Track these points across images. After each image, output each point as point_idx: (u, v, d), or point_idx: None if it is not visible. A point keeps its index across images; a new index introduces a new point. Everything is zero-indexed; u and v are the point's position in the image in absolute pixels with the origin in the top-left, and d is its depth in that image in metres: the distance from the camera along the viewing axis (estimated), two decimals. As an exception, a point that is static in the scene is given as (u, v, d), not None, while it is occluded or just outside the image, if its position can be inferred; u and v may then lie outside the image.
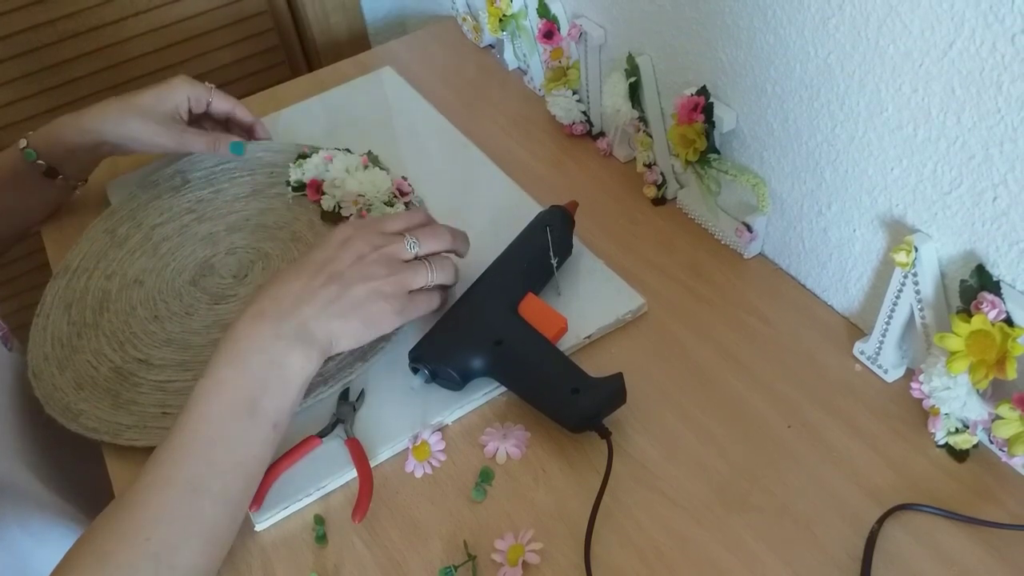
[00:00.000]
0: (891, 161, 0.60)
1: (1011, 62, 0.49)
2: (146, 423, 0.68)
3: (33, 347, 0.76)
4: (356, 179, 0.82)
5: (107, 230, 0.86)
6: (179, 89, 0.83)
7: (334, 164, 0.84)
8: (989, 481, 0.59)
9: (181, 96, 0.83)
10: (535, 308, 0.69)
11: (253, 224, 0.85)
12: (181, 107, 0.83)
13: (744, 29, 0.67)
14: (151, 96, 0.82)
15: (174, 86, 0.83)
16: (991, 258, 0.56)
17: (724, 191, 0.76)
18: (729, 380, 0.68)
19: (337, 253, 0.63)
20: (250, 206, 0.87)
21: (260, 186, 0.88)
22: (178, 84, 0.83)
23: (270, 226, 0.84)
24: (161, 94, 0.82)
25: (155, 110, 0.82)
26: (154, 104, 0.82)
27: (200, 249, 0.83)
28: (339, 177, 0.83)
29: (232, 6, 1.23)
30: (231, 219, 0.86)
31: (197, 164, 0.91)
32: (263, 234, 0.84)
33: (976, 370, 0.56)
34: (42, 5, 1.10)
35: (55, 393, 0.71)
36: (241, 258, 0.82)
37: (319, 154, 0.85)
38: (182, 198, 0.88)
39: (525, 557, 0.58)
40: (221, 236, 0.84)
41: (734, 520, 0.59)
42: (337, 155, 0.85)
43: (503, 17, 0.94)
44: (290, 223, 0.84)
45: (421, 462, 0.64)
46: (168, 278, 0.81)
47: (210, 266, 0.81)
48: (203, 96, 0.85)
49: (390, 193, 0.82)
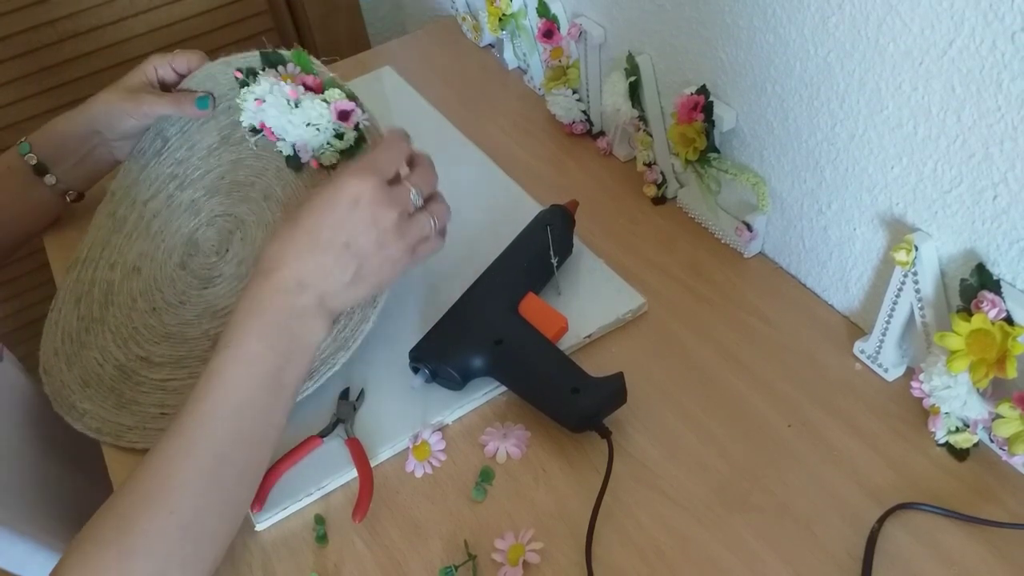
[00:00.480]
0: (891, 159, 0.60)
1: (1011, 60, 0.49)
2: (146, 424, 0.68)
3: (45, 342, 0.76)
4: (291, 123, 0.73)
5: (109, 213, 0.86)
6: (145, 63, 0.85)
7: (267, 108, 0.74)
8: (989, 480, 0.59)
9: (146, 67, 0.84)
10: (535, 307, 0.69)
11: (228, 183, 0.82)
12: (149, 75, 0.84)
13: (744, 28, 0.67)
14: (125, 77, 0.85)
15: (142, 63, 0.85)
16: (991, 257, 0.56)
17: (724, 190, 0.76)
18: (729, 379, 0.68)
19: (348, 216, 0.60)
20: (223, 159, 0.83)
21: (225, 129, 0.84)
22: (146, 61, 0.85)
23: (243, 183, 0.81)
24: (131, 72, 0.85)
25: (125, 86, 0.84)
26: (125, 81, 0.84)
27: (185, 222, 0.82)
28: (278, 124, 0.74)
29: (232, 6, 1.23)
30: (208, 180, 0.84)
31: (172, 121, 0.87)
32: (238, 195, 0.81)
33: (976, 369, 0.56)
34: (42, 5, 1.10)
35: (63, 390, 0.72)
36: (220, 229, 0.80)
37: (251, 89, 0.74)
38: (164, 162, 0.87)
39: (525, 557, 0.58)
40: (202, 203, 0.83)
41: (735, 519, 0.59)
42: (266, 86, 0.73)
43: (503, 16, 0.94)
44: (260, 175, 0.81)
45: (421, 462, 0.64)
46: (160, 261, 0.81)
47: (194, 243, 0.81)
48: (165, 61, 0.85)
49: (332, 124, 0.72)
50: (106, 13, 1.15)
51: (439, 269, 0.78)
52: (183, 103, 0.83)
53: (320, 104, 0.72)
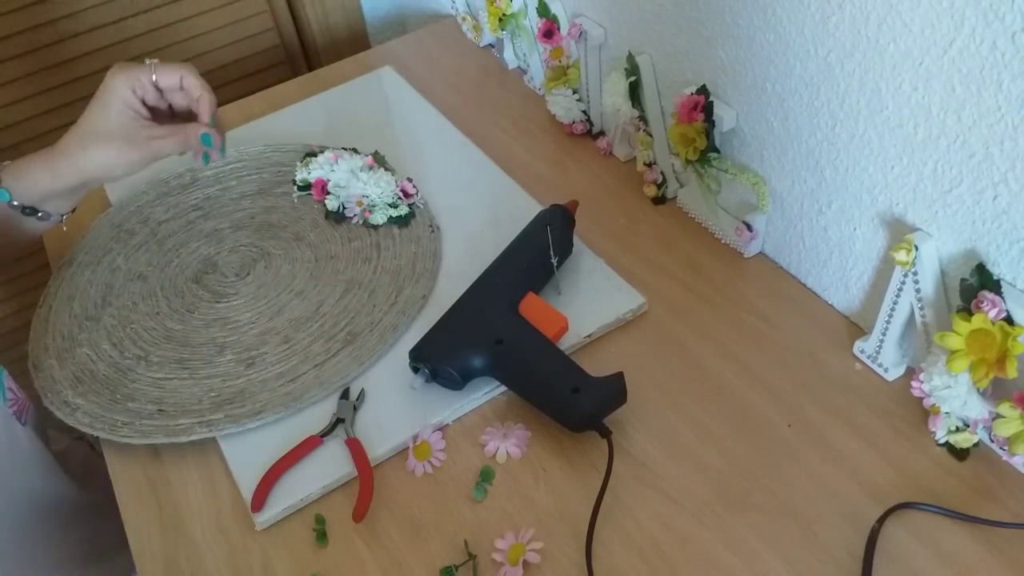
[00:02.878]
0: (891, 159, 0.60)
1: (1011, 60, 0.49)
2: (141, 420, 0.68)
3: (34, 338, 0.76)
4: (361, 180, 0.82)
5: (114, 224, 0.87)
6: (117, 87, 0.70)
7: (339, 164, 0.84)
8: (990, 480, 0.59)
9: (124, 93, 0.71)
10: (535, 307, 0.69)
11: (258, 222, 0.85)
12: (131, 105, 0.71)
13: (744, 28, 0.67)
14: (95, 111, 0.71)
15: (109, 88, 0.71)
16: (991, 257, 0.56)
17: (724, 190, 0.76)
18: (730, 379, 0.68)
19: None
20: (256, 204, 0.87)
21: (267, 184, 0.89)
22: (114, 84, 0.70)
23: (275, 225, 0.85)
24: (104, 103, 0.71)
25: (108, 126, 0.70)
26: (102, 119, 0.71)
27: (204, 246, 0.84)
28: (344, 178, 0.83)
29: (232, 6, 1.22)
30: (236, 217, 0.86)
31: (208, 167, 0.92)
32: (267, 233, 0.84)
33: (976, 369, 0.56)
34: (42, 5, 1.10)
35: (54, 386, 0.72)
36: (244, 256, 0.82)
37: (325, 154, 0.86)
38: (189, 195, 0.89)
39: (526, 556, 0.58)
40: (226, 233, 0.85)
41: (735, 519, 0.59)
42: (343, 155, 0.85)
43: (503, 16, 0.94)
44: (294, 222, 0.84)
45: (421, 462, 0.64)
46: (171, 274, 0.81)
47: (213, 263, 0.82)
48: (145, 79, 0.71)
49: (394, 195, 0.82)
50: (106, 13, 1.14)
51: (441, 269, 0.78)
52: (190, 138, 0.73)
53: (388, 176, 0.83)
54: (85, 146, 0.70)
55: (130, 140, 0.71)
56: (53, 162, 0.71)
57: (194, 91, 0.73)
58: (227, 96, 1.24)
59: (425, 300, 0.75)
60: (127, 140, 0.71)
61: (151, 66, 0.72)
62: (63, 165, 0.71)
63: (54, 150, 0.72)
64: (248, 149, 0.93)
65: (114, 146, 0.70)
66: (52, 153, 0.71)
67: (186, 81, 0.72)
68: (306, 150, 0.89)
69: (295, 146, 0.92)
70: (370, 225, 0.82)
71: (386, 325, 0.73)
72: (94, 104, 0.71)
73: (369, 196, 0.82)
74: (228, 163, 0.92)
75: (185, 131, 0.73)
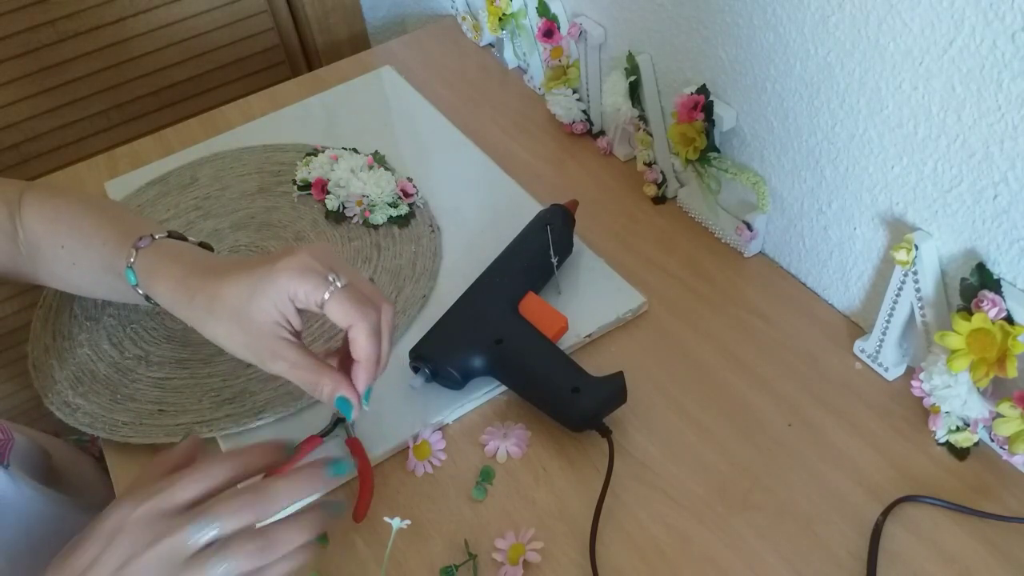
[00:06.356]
0: (891, 159, 0.60)
1: (1011, 59, 0.49)
2: (142, 420, 0.68)
3: (34, 339, 0.76)
4: (360, 180, 0.82)
5: None
6: (281, 286, 0.56)
7: (339, 164, 0.84)
8: (990, 479, 0.59)
9: (280, 296, 0.56)
10: (535, 307, 0.69)
11: (258, 222, 0.85)
12: (282, 308, 0.57)
13: (744, 27, 0.67)
14: (245, 288, 0.57)
15: (276, 282, 0.56)
16: (992, 256, 0.56)
17: (724, 189, 0.76)
18: (730, 379, 0.68)
19: (99, 555, 0.46)
20: (255, 204, 0.87)
21: (267, 184, 0.89)
22: (283, 278, 0.56)
23: (274, 224, 0.85)
24: (259, 287, 0.57)
25: (247, 312, 0.57)
26: (245, 303, 0.57)
27: None
28: (344, 177, 0.83)
29: (232, 6, 1.22)
30: (236, 216, 0.86)
31: (207, 163, 0.91)
32: (267, 232, 0.84)
33: (977, 368, 0.56)
34: (42, 5, 1.10)
35: (54, 387, 0.72)
36: (244, 255, 0.82)
37: (325, 153, 0.86)
38: (189, 195, 0.89)
39: (526, 556, 0.58)
40: (226, 233, 0.84)
41: (735, 518, 0.59)
42: (343, 155, 0.85)
43: (503, 16, 0.94)
44: (294, 222, 0.84)
45: (422, 461, 0.64)
46: None
47: None
48: (315, 297, 0.56)
49: (394, 194, 0.82)
50: (106, 13, 1.15)
51: (441, 269, 0.78)
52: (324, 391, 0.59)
53: (388, 175, 0.83)
54: (213, 312, 0.59)
55: (261, 346, 0.58)
56: (189, 293, 0.60)
57: (359, 351, 0.58)
58: (227, 96, 1.24)
59: (425, 300, 0.75)
60: (255, 338, 0.58)
61: (329, 288, 0.56)
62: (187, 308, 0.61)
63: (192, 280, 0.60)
64: (248, 149, 0.93)
65: (238, 337, 0.58)
66: (190, 281, 0.60)
67: (353, 333, 0.57)
68: (306, 150, 0.89)
69: (295, 146, 0.92)
70: (370, 225, 0.82)
71: None
72: (252, 275, 0.57)
73: (369, 196, 0.82)
74: (228, 163, 0.91)
75: (323, 376, 0.58)
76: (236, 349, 0.59)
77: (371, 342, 0.57)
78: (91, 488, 0.81)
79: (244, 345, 0.58)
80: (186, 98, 1.25)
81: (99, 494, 0.80)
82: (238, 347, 0.59)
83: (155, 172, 0.92)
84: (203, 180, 0.90)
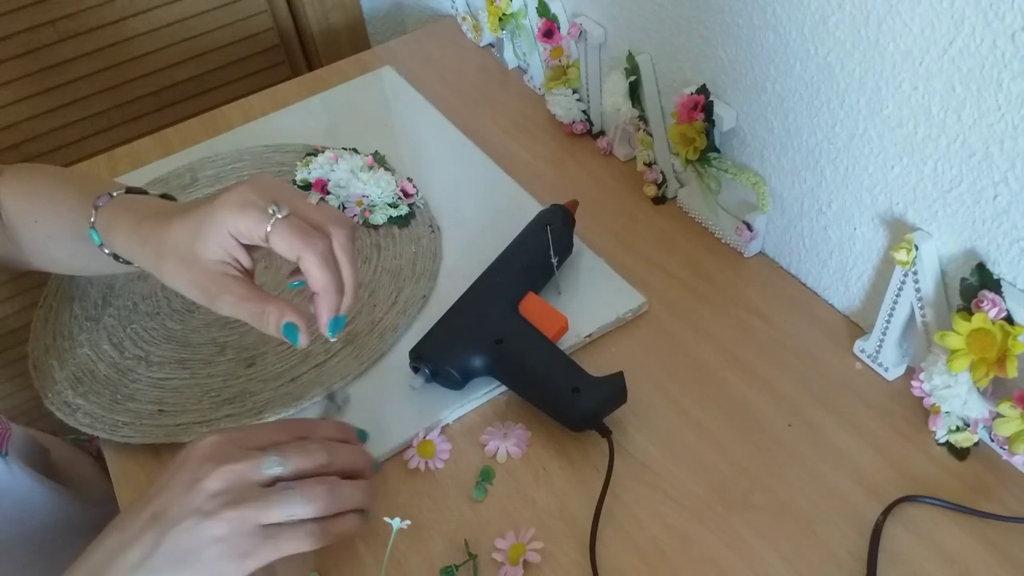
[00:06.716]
0: (891, 159, 0.60)
1: (1011, 59, 0.49)
2: (142, 420, 0.68)
3: (34, 339, 0.76)
4: (360, 180, 0.82)
5: None
6: (220, 222, 0.55)
7: (339, 164, 0.84)
8: (990, 479, 0.59)
9: (221, 233, 0.56)
10: (535, 307, 0.69)
11: None
12: (226, 246, 0.56)
13: (744, 27, 0.67)
14: (189, 228, 0.57)
15: (216, 219, 0.55)
16: (992, 256, 0.56)
17: (724, 190, 0.76)
18: (730, 379, 0.68)
19: (174, 478, 0.50)
20: None
21: None
22: (221, 214, 0.55)
23: None
24: (202, 226, 0.56)
25: (192, 251, 0.57)
26: (190, 242, 0.56)
27: None
28: (344, 177, 0.83)
29: (232, 6, 1.22)
30: None
31: (208, 163, 0.91)
32: None
33: (977, 368, 0.56)
34: (42, 5, 1.10)
35: (54, 387, 0.72)
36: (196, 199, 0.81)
37: (326, 154, 0.86)
38: (189, 195, 0.89)
39: (526, 556, 0.58)
40: None
41: (735, 518, 0.59)
42: (343, 155, 0.85)
43: (503, 16, 0.94)
44: None
45: (422, 461, 0.64)
46: None
47: None
48: (257, 231, 0.55)
49: (394, 195, 0.82)
50: (106, 13, 1.15)
51: (441, 269, 0.78)
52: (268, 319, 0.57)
53: (388, 176, 0.84)
54: (163, 255, 0.58)
55: (207, 282, 0.58)
56: (142, 239, 0.60)
57: (313, 282, 0.56)
58: (227, 96, 1.24)
59: (425, 300, 0.75)
60: (202, 276, 0.57)
61: (272, 218, 0.54)
62: (141, 255, 0.61)
63: (145, 226, 0.60)
64: (248, 149, 0.93)
65: (187, 276, 0.58)
66: (142, 228, 0.60)
67: (303, 264, 0.55)
68: (306, 150, 0.89)
69: (295, 146, 0.92)
70: (370, 225, 0.82)
71: (386, 325, 0.73)
72: (196, 215, 0.57)
73: (369, 196, 0.82)
74: (228, 163, 0.91)
75: (265, 304, 0.57)
76: (186, 289, 0.58)
77: (323, 271, 0.55)
78: (89, 484, 0.81)
79: (193, 283, 0.57)
80: (186, 98, 1.25)
81: (97, 490, 0.80)
82: (188, 287, 0.58)
83: (155, 172, 0.92)
84: (203, 180, 0.90)
